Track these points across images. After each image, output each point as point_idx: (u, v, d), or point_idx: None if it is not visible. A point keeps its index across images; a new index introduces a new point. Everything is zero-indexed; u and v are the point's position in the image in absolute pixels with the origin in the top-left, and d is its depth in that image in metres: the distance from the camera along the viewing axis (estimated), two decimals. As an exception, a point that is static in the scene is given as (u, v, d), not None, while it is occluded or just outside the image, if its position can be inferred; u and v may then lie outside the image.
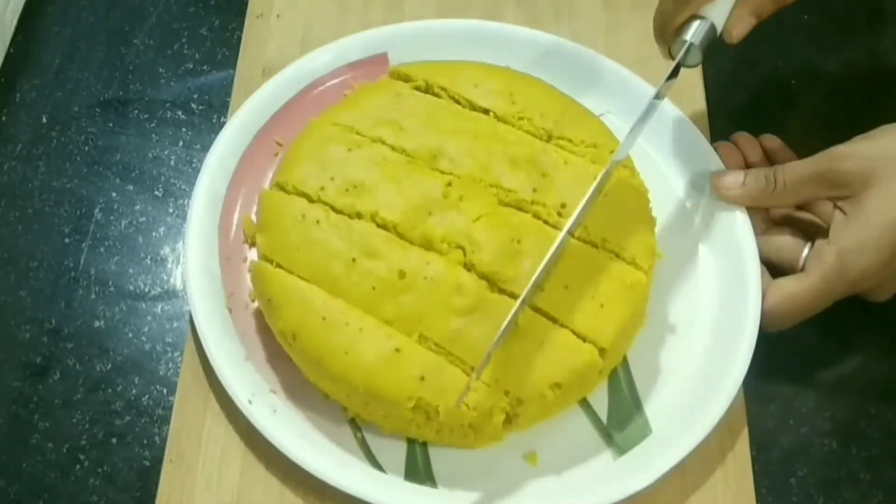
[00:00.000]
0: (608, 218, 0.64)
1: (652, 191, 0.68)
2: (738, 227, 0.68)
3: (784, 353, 0.67)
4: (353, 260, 0.62)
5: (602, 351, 0.61)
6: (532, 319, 0.61)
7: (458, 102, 0.69)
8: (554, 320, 0.61)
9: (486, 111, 0.69)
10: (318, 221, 0.63)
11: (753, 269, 0.66)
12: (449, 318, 0.60)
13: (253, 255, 0.68)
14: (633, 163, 0.68)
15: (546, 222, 0.64)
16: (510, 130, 0.68)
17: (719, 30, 0.65)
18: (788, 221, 0.69)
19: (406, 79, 0.71)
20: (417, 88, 0.70)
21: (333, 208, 0.64)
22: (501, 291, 0.61)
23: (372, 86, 0.72)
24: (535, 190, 0.65)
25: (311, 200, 0.65)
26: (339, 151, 0.66)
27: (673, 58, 0.65)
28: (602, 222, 0.64)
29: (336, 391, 0.61)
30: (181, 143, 0.76)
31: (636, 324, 0.65)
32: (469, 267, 0.62)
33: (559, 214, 0.64)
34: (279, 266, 0.63)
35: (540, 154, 0.66)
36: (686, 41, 0.64)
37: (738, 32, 0.66)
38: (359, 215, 0.64)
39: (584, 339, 0.61)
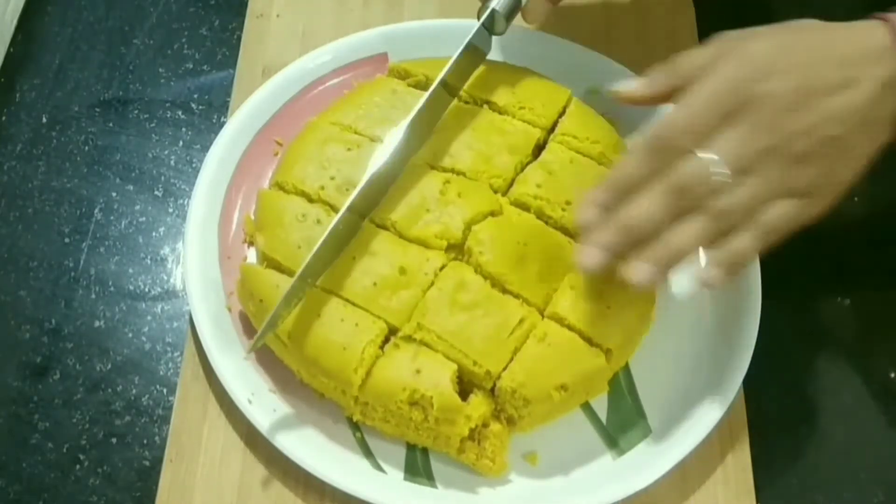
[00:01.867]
0: None
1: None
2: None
3: (784, 353, 0.67)
4: (354, 258, 0.62)
5: (608, 353, 0.61)
6: (538, 320, 0.61)
7: (458, 94, 0.69)
8: (561, 321, 0.61)
9: (486, 102, 0.69)
10: (318, 221, 0.64)
11: (754, 269, 0.66)
12: (452, 312, 0.60)
13: (252, 254, 0.68)
14: None
15: (550, 219, 0.64)
16: (508, 121, 0.68)
17: (524, 2, 0.67)
18: None
19: (406, 75, 0.71)
20: (418, 84, 0.70)
21: (333, 208, 0.64)
22: (506, 292, 0.61)
23: (368, 84, 0.72)
24: (539, 185, 0.65)
25: (310, 200, 0.65)
26: (339, 151, 0.66)
27: (478, 20, 0.67)
28: None
29: (332, 389, 0.61)
30: (181, 143, 0.76)
31: (642, 327, 0.65)
32: (476, 267, 0.62)
33: (563, 210, 0.64)
34: (280, 265, 0.63)
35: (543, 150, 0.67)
36: (489, 7, 0.66)
37: (532, 19, 0.69)
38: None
39: (590, 342, 0.61)
